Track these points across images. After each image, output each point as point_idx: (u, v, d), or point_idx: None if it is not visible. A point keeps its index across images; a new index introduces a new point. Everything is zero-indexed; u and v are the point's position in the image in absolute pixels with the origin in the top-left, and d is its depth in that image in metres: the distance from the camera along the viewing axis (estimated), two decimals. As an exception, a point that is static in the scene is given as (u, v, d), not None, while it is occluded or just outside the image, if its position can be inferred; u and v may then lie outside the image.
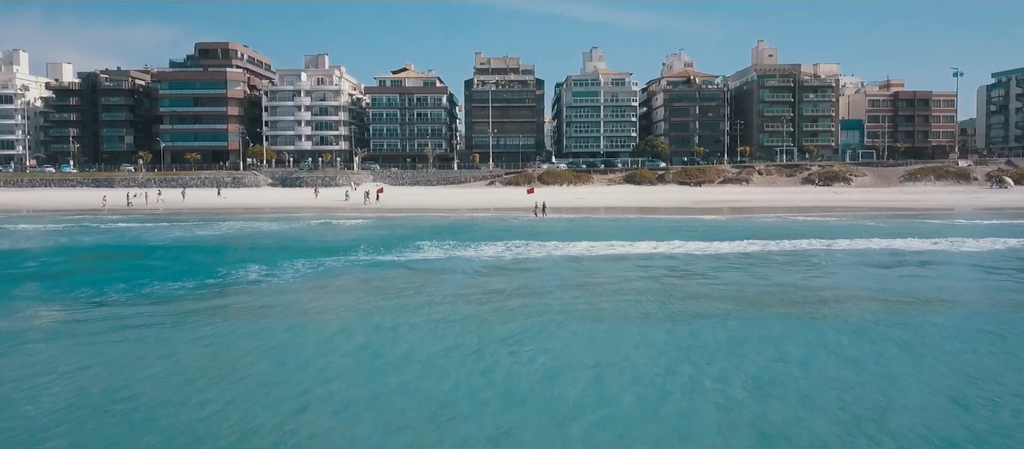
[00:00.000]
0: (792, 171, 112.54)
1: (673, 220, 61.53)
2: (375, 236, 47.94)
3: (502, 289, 27.35)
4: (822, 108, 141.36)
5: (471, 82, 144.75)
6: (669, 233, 48.62)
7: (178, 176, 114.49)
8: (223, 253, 39.32)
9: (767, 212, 71.91)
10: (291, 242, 44.69)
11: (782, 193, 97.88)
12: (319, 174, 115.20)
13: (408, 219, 64.21)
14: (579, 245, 40.79)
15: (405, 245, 40.65)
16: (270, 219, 63.88)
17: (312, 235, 49.76)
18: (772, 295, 26.27)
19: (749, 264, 34.02)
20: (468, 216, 66.51)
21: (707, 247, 40.15)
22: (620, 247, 40.29)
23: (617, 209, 78.22)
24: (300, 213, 72.11)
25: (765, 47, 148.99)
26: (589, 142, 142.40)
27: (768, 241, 42.85)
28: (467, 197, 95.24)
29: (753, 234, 47.33)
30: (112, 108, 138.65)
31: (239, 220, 63.15)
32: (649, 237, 45.47)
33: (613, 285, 27.95)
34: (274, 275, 30.00)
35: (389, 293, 26.34)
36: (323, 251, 37.99)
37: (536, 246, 39.78)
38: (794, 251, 38.81)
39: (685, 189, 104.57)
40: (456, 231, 51.32)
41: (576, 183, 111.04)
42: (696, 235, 47.04)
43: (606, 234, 48.22)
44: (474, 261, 34.46)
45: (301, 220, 63.10)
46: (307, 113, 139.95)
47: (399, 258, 35.56)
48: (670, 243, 42.59)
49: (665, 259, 35.75)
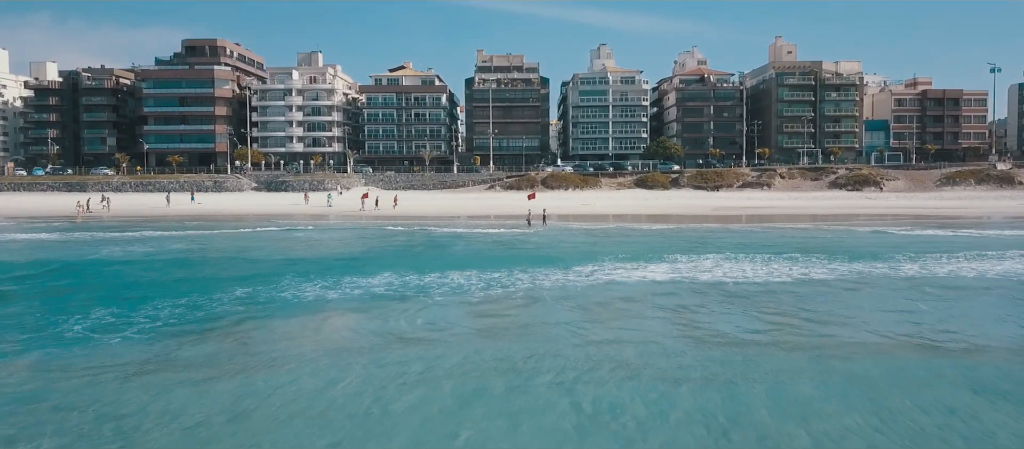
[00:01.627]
0: (817, 175, 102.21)
1: (693, 231, 51.52)
2: (325, 256, 38.18)
3: (459, 364, 17.46)
4: (845, 108, 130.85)
5: (472, 81, 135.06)
6: (692, 249, 38.64)
7: (155, 179, 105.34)
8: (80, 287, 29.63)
9: (797, 221, 61.76)
10: (208, 264, 35.03)
11: (809, 199, 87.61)
12: (307, 178, 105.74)
13: (386, 230, 54.45)
14: (579, 270, 30.94)
15: (354, 272, 30.87)
16: (226, 228, 54.23)
17: (245, 254, 40.03)
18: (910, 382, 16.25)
19: (819, 307, 24.00)
20: (462, 225, 56.71)
21: (745, 271, 30.18)
22: (632, 271, 30.38)
23: (627, 217, 68.23)
24: (267, 224, 62.44)
25: (783, 43, 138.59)
26: (597, 144, 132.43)
27: (818, 261, 32.83)
28: (463, 203, 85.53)
29: (796, 250, 37.33)
30: (94, 108, 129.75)
31: (184, 229, 53.52)
32: (668, 255, 35.52)
33: (628, 357, 17.90)
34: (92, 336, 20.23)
35: (277, 364, 16.55)
36: (226, 283, 28.27)
37: (521, 276, 29.87)
38: (863, 278, 28.78)
39: (701, 194, 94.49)
40: (433, 249, 41.54)
41: (582, 187, 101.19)
42: (726, 252, 37.08)
43: (614, 251, 38.32)
44: (430, 304, 24.63)
45: (264, 228, 53.49)
46: (299, 113, 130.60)
47: (332, 293, 25.78)
48: (696, 263, 32.67)
49: (695, 293, 25.78)
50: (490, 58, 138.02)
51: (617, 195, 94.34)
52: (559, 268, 31.64)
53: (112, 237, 49.25)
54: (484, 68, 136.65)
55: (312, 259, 35.65)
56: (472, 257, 36.44)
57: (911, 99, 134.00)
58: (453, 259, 35.41)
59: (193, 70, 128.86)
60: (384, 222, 61.41)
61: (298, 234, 51.03)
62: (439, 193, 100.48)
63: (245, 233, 51.76)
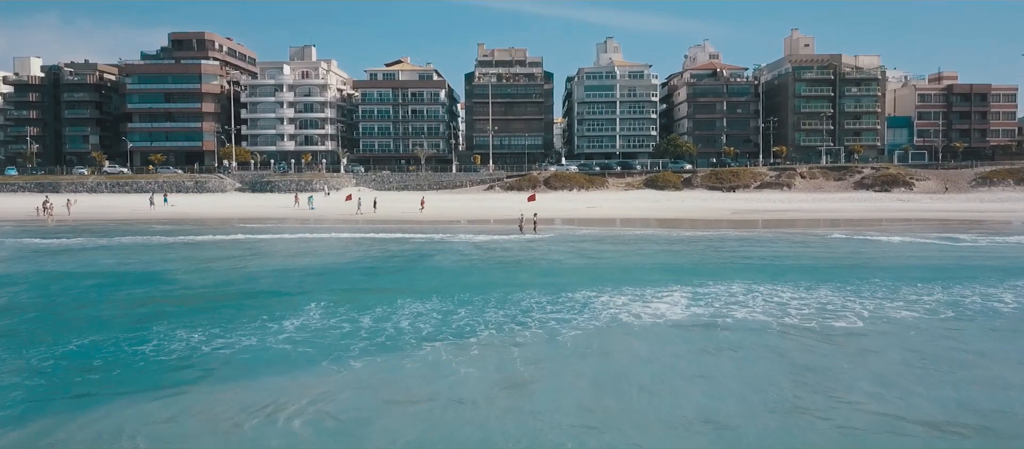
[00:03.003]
0: (840, 174, 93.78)
1: (712, 241, 43.36)
2: (262, 274, 30.30)
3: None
4: (866, 103, 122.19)
5: (472, 75, 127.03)
6: (714, 267, 30.61)
7: (132, 179, 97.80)
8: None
9: (829, 227, 53.51)
10: (105, 288, 27.20)
11: (835, 201, 79.26)
12: (293, 178, 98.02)
13: (359, 238, 46.51)
14: (571, 300, 22.94)
15: (273, 306, 22.98)
16: (187, 234, 46.36)
17: (163, 275, 32.20)
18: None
19: (936, 385, 15.97)
20: (450, 230, 48.75)
21: (789, 306, 22.07)
22: (640, 304, 22.37)
23: (636, 221, 60.09)
24: (235, 230, 54.61)
25: (800, 36, 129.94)
26: (603, 142, 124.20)
27: (885, 287, 24.72)
28: (457, 205, 77.61)
29: (847, 270, 29.22)
30: (76, 105, 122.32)
31: (139, 235, 45.64)
32: (686, 276, 27.48)
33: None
34: None
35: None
36: (86, 326, 20.46)
37: (492, 314, 21.89)
38: (973, 318, 20.66)
39: (716, 195, 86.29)
40: (399, 266, 33.59)
41: (588, 188, 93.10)
42: (756, 271, 28.97)
43: (618, 269, 30.34)
44: (338, 378, 16.69)
45: (229, 235, 45.61)
46: (290, 110, 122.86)
47: (205, 349, 17.87)
48: (722, 289, 24.71)
49: (730, 350, 17.72)
50: (491, 52, 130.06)
51: (625, 197, 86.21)
52: (546, 296, 23.66)
53: (46, 245, 41.58)
54: (485, 62, 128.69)
55: (240, 281, 27.80)
56: (442, 278, 28.45)
57: (936, 94, 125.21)
58: (416, 282, 27.41)
59: (179, 65, 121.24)
60: (364, 228, 53.46)
61: (261, 243, 43.14)
62: (434, 194, 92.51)
63: (201, 242, 43.93)
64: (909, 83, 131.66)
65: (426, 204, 77.01)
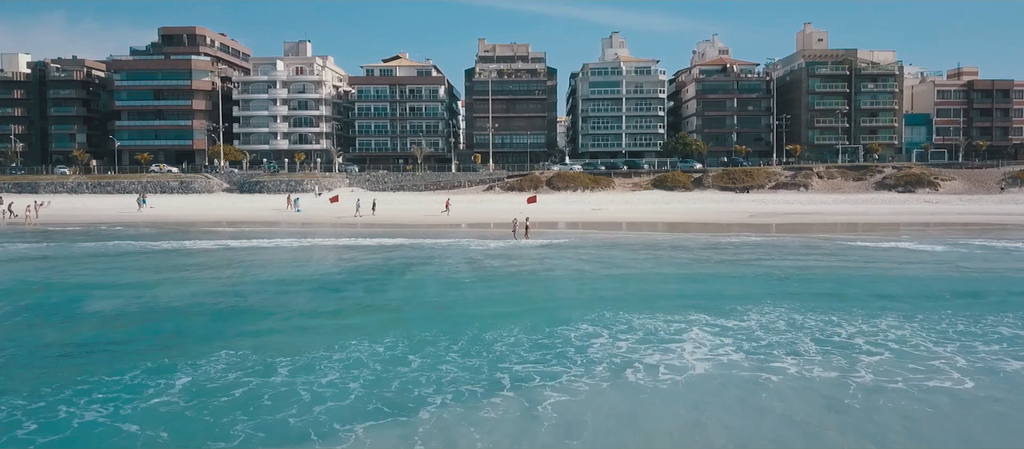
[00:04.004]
0: (860, 174, 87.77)
1: (731, 250, 37.54)
2: (187, 300, 24.72)
3: None
4: (883, 100, 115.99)
5: (473, 71, 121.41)
6: (741, 287, 24.81)
7: (115, 180, 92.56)
8: None
9: (860, 232, 47.64)
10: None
11: (859, 203, 73.29)
12: (284, 177, 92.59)
13: (331, 246, 40.91)
14: (561, 337, 17.24)
15: (162, 353, 17.42)
16: (153, 239, 40.84)
17: (81, 300, 26.68)
18: None
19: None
20: (438, 235, 43.11)
21: (852, 347, 16.29)
22: (650, 347, 16.61)
23: (643, 225, 54.36)
24: (207, 236, 49.14)
25: (813, 31, 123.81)
26: (609, 140, 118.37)
27: (978, 321, 18.92)
28: (453, 207, 72.06)
29: (915, 295, 23.42)
30: (62, 102, 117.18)
31: (95, 240, 40.13)
32: (707, 302, 21.64)
33: None
34: None
35: None
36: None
37: (449, 365, 16.27)
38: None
39: (729, 196, 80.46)
40: (359, 287, 27.89)
41: (593, 188, 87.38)
42: (795, 293, 23.19)
43: (623, 290, 24.67)
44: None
45: (197, 242, 40.09)
46: (284, 107, 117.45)
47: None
48: (755, 321, 18.84)
49: (791, 427, 12.03)
50: (492, 47, 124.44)
51: (632, 198, 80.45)
52: (532, 335, 17.89)
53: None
54: (486, 57, 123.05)
55: (145, 313, 22.12)
56: (409, 304, 22.74)
57: (955, 91, 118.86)
58: (373, 311, 21.69)
59: (169, 61, 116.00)
60: (355, 233, 47.81)
61: (227, 255, 37.50)
62: (431, 195, 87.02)
63: (158, 251, 38.32)
64: (927, 79, 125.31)
65: (424, 206, 71.70)
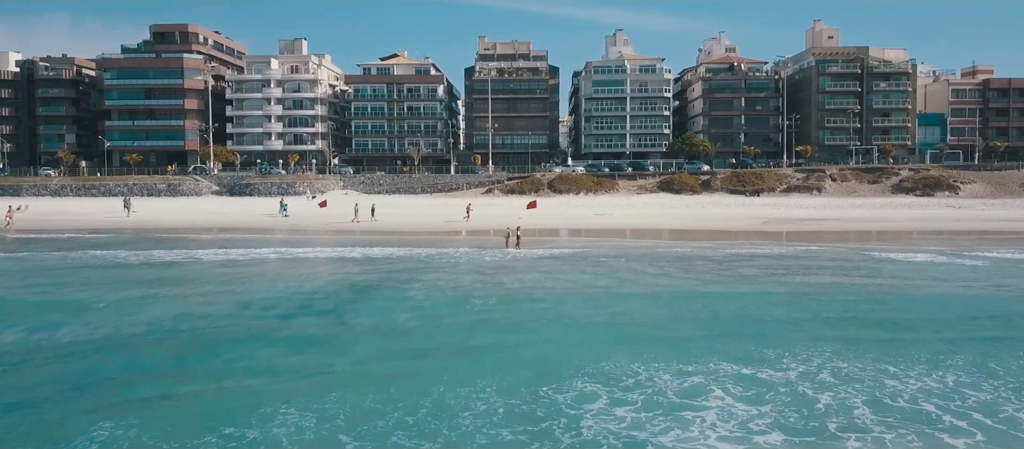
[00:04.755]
0: (875, 176, 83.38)
1: (750, 263, 33.23)
2: (95, 337, 20.56)
3: None
4: (896, 99, 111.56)
5: (473, 70, 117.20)
6: (779, 325, 20.49)
7: (100, 182, 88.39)
8: None
9: (891, 241, 43.33)
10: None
11: (877, 207, 68.90)
12: (274, 180, 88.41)
13: (299, 258, 36.68)
14: (546, 400, 13.06)
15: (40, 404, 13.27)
16: (127, 247, 36.68)
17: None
18: None
19: None
20: (425, 244, 38.90)
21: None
22: (664, 415, 12.46)
23: (649, 233, 50.07)
24: (178, 245, 44.94)
25: (824, 28, 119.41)
26: (612, 141, 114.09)
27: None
28: (450, 211, 67.88)
29: (1008, 331, 19.24)
30: (51, 101, 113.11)
31: (57, 250, 35.94)
32: (736, 343, 17.37)
33: None
34: None
35: None
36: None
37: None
38: None
39: (739, 200, 76.17)
40: (316, 315, 23.66)
41: (596, 191, 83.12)
42: (848, 337, 18.87)
43: (629, 325, 20.48)
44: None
45: (168, 252, 35.95)
46: (278, 107, 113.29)
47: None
48: (803, 370, 14.59)
49: None
50: (493, 45, 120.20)
51: (637, 201, 76.22)
52: (507, 399, 13.66)
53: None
54: (486, 56, 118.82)
55: (75, 350, 17.99)
56: (362, 350, 18.52)
57: (970, 90, 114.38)
58: (315, 359, 17.50)
59: (160, 59, 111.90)
60: (335, 242, 43.55)
61: (198, 266, 33.35)
62: (427, 198, 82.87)
63: (128, 265, 34.12)
64: (941, 78, 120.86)
65: (418, 210, 67.67)
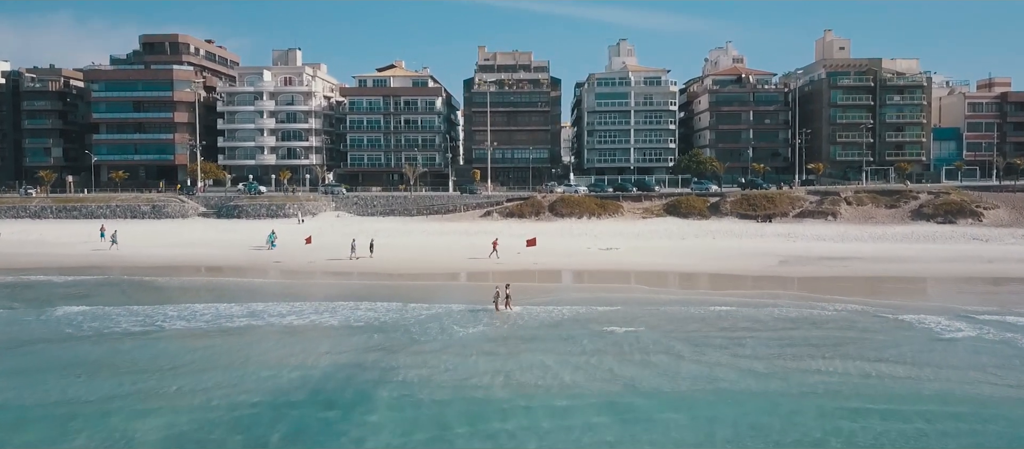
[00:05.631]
0: (893, 200, 78.55)
1: (782, 344, 28.28)
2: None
3: None
4: (910, 113, 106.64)
5: (471, 82, 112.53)
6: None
7: (82, 202, 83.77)
8: None
9: (929, 298, 38.42)
10: None
11: (900, 239, 63.95)
12: (264, 202, 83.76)
13: (275, 330, 31.94)
14: None
15: None
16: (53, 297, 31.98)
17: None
18: None
19: None
20: (423, 299, 34.22)
21: None
22: None
23: (654, 276, 45.27)
24: (126, 300, 40.30)
25: (834, 38, 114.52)
26: (616, 155, 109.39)
27: None
28: (446, 243, 63.24)
29: None
30: (37, 114, 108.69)
31: None
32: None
33: None
34: None
35: None
36: None
37: None
38: None
39: (751, 228, 71.41)
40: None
41: (600, 215, 78.47)
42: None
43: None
44: None
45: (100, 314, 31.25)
46: (271, 120, 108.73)
47: None
48: None
49: None
50: (493, 56, 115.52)
51: (643, 228, 71.49)
52: None
53: None
54: (486, 67, 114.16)
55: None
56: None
57: (987, 103, 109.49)
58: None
59: (149, 70, 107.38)
60: (308, 294, 38.64)
61: (154, 341, 28.55)
62: (423, 222, 78.27)
63: (65, 338, 29.43)
64: (956, 91, 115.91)
65: (411, 240, 63.14)
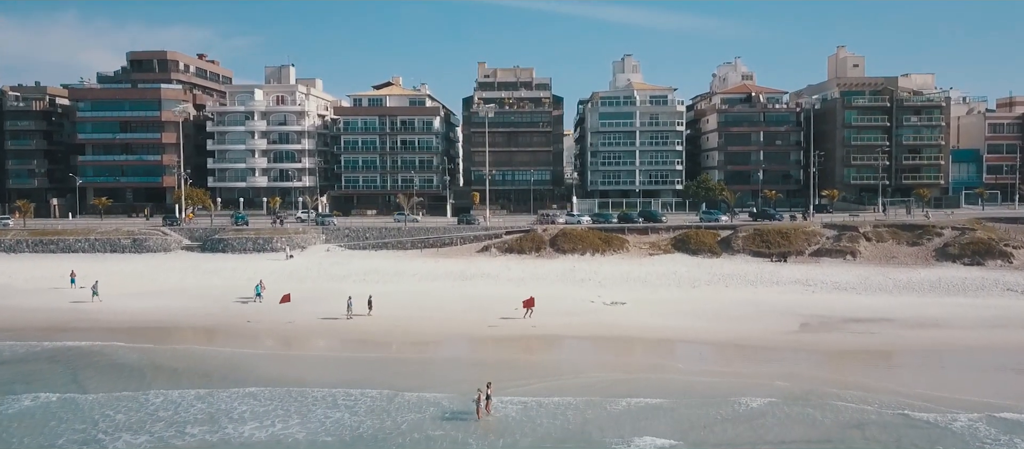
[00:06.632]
0: (915, 236, 72.92)
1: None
2: None
3: None
4: (928, 134, 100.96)
5: (471, 100, 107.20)
6: None
7: (60, 236, 78.70)
8: None
9: (964, 391, 32.97)
10: None
11: (926, 291, 58.29)
12: (251, 235, 78.64)
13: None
14: None
15: None
16: None
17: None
18: None
19: None
20: (410, 387, 29.02)
21: None
22: None
23: (662, 346, 39.96)
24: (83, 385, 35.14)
25: (848, 55, 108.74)
26: (621, 177, 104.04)
27: None
28: (439, 291, 58.12)
29: None
30: (21, 134, 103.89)
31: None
32: None
33: None
34: None
35: None
36: None
37: None
38: None
39: (766, 269, 66.01)
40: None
41: (604, 251, 73.22)
42: None
43: None
44: None
45: None
46: (262, 141, 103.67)
47: None
48: None
49: None
50: (493, 72, 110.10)
51: (650, 269, 66.20)
52: None
53: None
54: (486, 84, 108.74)
55: None
56: None
57: (1009, 124, 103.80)
58: None
59: (136, 90, 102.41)
60: (304, 376, 33.40)
61: None
62: (416, 258, 73.18)
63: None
64: (974, 109, 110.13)
65: (404, 288, 58.09)
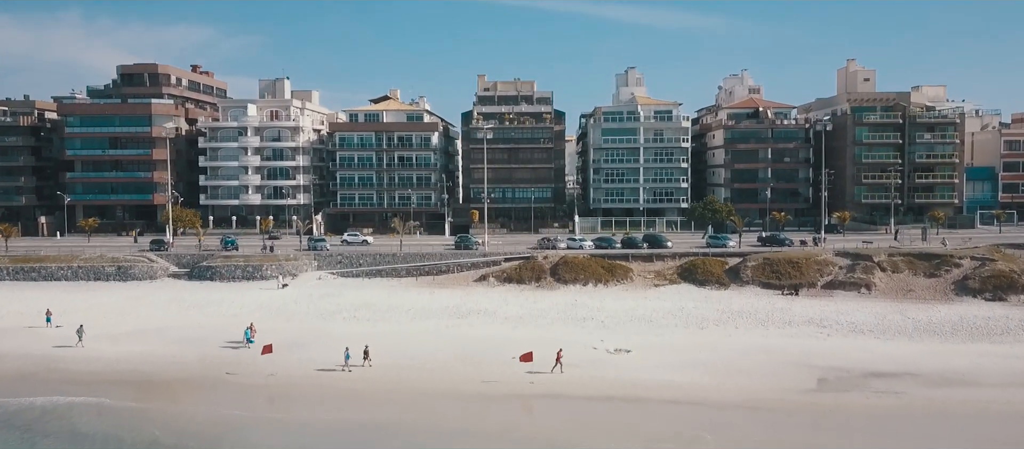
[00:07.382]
0: (933, 267, 68.88)
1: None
2: None
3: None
4: (942, 152, 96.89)
5: (470, 115, 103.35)
6: None
7: (41, 263, 75.05)
8: None
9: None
10: None
11: (948, 333, 54.17)
12: (240, 261, 75.01)
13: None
14: None
15: None
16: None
17: None
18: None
19: None
20: None
21: None
22: None
23: (673, 416, 36.21)
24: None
25: (858, 69, 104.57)
26: (624, 195, 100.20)
27: None
28: (433, 329, 54.45)
29: None
30: (8, 150, 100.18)
31: None
32: None
33: None
34: None
35: None
36: None
37: None
38: None
39: (777, 304, 62.10)
40: None
41: (607, 281, 69.47)
42: None
43: None
44: None
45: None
46: (256, 157, 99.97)
47: None
48: None
49: None
50: (493, 85, 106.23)
51: (656, 304, 62.40)
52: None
53: None
54: (486, 98, 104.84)
55: None
56: None
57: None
58: None
59: (127, 104, 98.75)
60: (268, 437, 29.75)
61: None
62: (411, 288, 69.57)
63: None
64: (989, 125, 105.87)
65: (394, 328, 54.55)
